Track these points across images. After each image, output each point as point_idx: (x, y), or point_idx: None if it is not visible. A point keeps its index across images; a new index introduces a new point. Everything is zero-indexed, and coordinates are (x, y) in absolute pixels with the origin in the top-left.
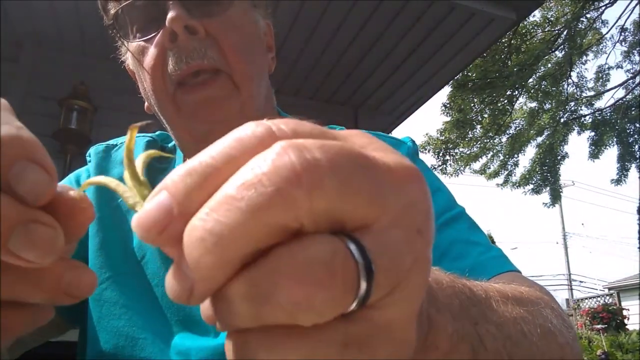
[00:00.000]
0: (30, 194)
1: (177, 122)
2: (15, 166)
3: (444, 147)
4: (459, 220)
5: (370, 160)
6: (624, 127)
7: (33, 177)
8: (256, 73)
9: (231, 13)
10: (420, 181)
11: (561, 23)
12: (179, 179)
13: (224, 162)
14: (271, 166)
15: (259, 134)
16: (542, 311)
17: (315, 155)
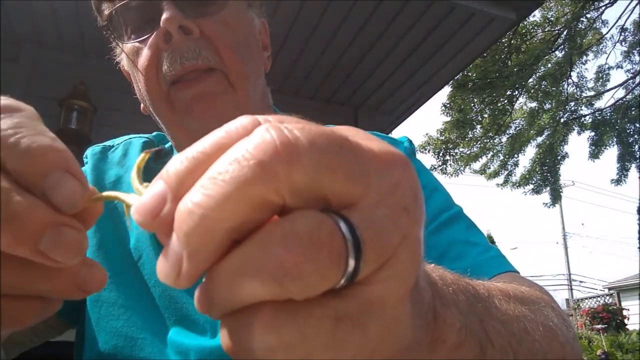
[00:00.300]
0: (65, 203)
1: (172, 121)
2: (51, 176)
3: (443, 147)
4: (457, 220)
5: (352, 142)
6: (624, 127)
7: (69, 187)
8: (252, 72)
9: (226, 12)
10: (405, 164)
11: (561, 23)
12: (172, 167)
13: (214, 150)
14: (253, 142)
15: (246, 124)
16: (543, 310)
17: (295, 133)
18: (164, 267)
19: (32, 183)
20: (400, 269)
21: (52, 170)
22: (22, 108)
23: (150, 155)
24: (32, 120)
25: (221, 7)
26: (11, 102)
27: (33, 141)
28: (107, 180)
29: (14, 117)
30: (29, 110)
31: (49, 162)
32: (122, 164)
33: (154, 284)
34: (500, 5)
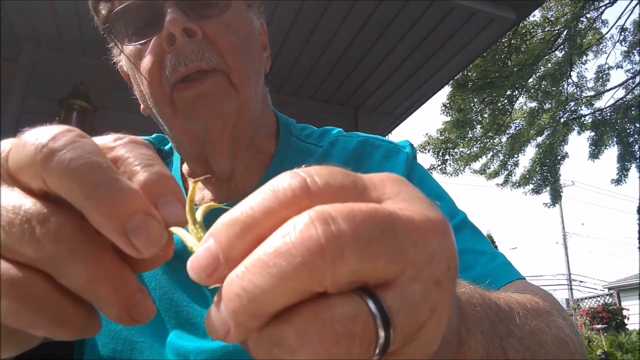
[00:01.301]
0: (148, 246)
1: (175, 124)
2: (134, 218)
3: (443, 147)
4: (462, 228)
5: (394, 220)
6: (624, 127)
7: (151, 230)
8: (253, 73)
9: (227, 14)
10: (444, 231)
11: (561, 23)
12: (224, 228)
13: (262, 214)
14: (299, 237)
15: (294, 187)
16: (557, 321)
17: (340, 226)
18: (214, 323)
19: (115, 229)
20: (427, 339)
21: (134, 215)
22: (89, 150)
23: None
24: (95, 152)
25: (223, 9)
26: (73, 143)
27: (115, 189)
28: None
29: (91, 160)
30: (94, 145)
31: (130, 207)
32: None
33: (154, 287)
34: (500, 5)
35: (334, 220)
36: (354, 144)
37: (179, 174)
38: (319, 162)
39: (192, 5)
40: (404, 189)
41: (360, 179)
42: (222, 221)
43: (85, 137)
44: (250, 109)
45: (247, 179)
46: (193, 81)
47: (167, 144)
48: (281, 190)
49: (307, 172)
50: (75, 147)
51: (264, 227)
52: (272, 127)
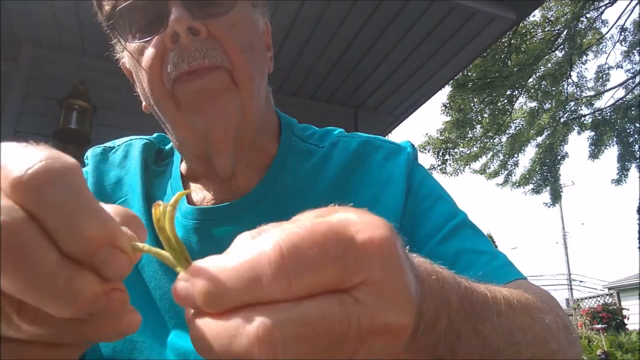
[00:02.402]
0: (115, 276)
1: (177, 119)
2: (100, 254)
3: (443, 147)
4: (463, 228)
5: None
6: (624, 127)
7: (117, 262)
8: (257, 72)
9: (233, 13)
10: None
11: (561, 23)
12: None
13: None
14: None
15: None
16: (547, 319)
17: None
18: None
19: (82, 260)
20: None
21: (101, 249)
22: (63, 172)
23: (151, 158)
24: (75, 188)
25: (228, 8)
26: (49, 168)
27: (82, 224)
28: (107, 181)
29: (57, 189)
30: (69, 170)
31: (99, 242)
32: (122, 166)
33: (155, 286)
34: (500, 5)
35: (278, 347)
36: (355, 144)
37: (178, 173)
38: (320, 163)
39: (197, 3)
40: (389, 274)
41: (350, 260)
42: (199, 292)
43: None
44: (253, 108)
45: (248, 179)
46: (194, 73)
47: (168, 144)
48: (259, 281)
49: (294, 263)
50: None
51: (232, 304)
52: (274, 127)
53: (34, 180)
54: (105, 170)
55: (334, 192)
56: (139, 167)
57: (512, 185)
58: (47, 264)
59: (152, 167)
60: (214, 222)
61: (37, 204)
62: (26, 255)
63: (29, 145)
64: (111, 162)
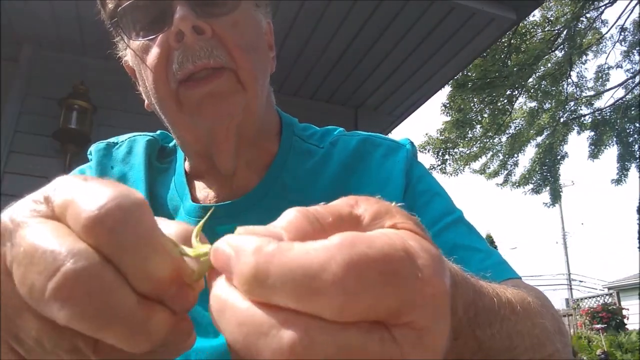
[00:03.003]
0: (182, 309)
1: (179, 120)
2: (170, 290)
3: (443, 147)
4: (458, 224)
5: None
6: (623, 127)
7: (185, 299)
8: (261, 72)
9: (237, 13)
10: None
11: (561, 23)
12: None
13: None
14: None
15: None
16: (546, 323)
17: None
18: None
19: (153, 297)
20: None
21: (171, 286)
22: (135, 211)
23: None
24: (147, 227)
25: (232, 8)
26: (122, 207)
27: (155, 266)
28: (111, 176)
29: (131, 230)
30: (140, 207)
31: (169, 282)
32: (126, 162)
33: None
34: (500, 5)
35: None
36: (354, 142)
37: (182, 171)
38: (320, 163)
39: (202, 3)
40: (435, 327)
41: (404, 298)
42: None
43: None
44: (256, 108)
45: (249, 177)
46: (201, 80)
47: (171, 141)
48: (314, 296)
49: (350, 287)
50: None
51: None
52: (275, 127)
53: (108, 222)
54: (108, 165)
55: (334, 191)
56: (142, 163)
57: (512, 185)
58: (127, 306)
59: (156, 164)
60: (218, 219)
61: (112, 245)
62: (107, 300)
63: (91, 179)
64: (115, 158)
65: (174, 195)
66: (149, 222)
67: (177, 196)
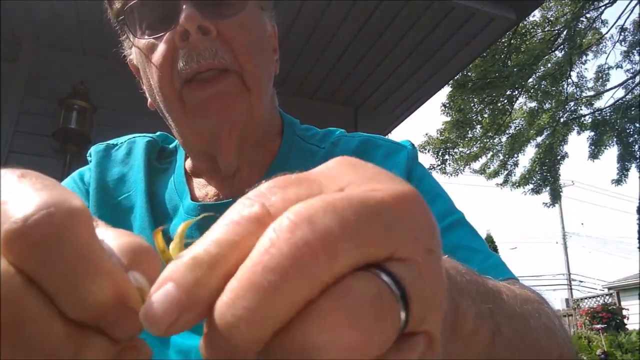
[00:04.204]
0: (124, 337)
1: (183, 120)
2: (109, 315)
3: (443, 147)
4: (459, 225)
5: (372, 204)
6: (624, 127)
7: (127, 324)
8: (265, 74)
9: (243, 15)
10: (419, 203)
11: (561, 23)
12: (185, 269)
13: (229, 248)
14: (285, 245)
15: (254, 213)
16: (547, 310)
17: (324, 222)
18: (214, 356)
19: (88, 324)
20: (437, 310)
21: (108, 311)
22: (69, 224)
23: (154, 155)
24: (83, 242)
25: (239, 10)
26: (53, 218)
27: (89, 289)
28: (110, 178)
29: (62, 246)
30: (77, 218)
31: (107, 307)
32: (126, 163)
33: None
34: (500, 5)
35: (315, 217)
36: (355, 143)
37: (182, 170)
38: (320, 164)
39: (208, 3)
40: (362, 170)
41: (315, 179)
42: (180, 262)
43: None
44: (260, 110)
45: (251, 176)
46: (206, 81)
47: (171, 143)
48: (242, 219)
49: (260, 195)
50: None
51: (232, 262)
52: (277, 127)
53: (33, 235)
54: (108, 166)
55: None
56: (142, 164)
57: (512, 185)
58: (51, 338)
59: (156, 164)
60: (217, 218)
61: (37, 263)
62: (26, 331)
63: (26, 178)
64: (114, 159)
65: (173, 195)
66: (85, 235)
67: (176, 195)
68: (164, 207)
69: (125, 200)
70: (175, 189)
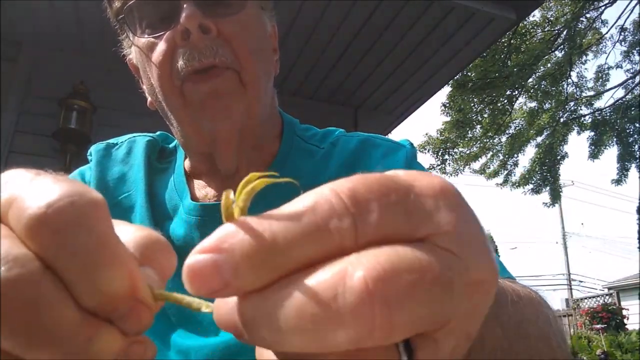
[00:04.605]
0: (134, 330)
1: (184, 117)
2: (120, 308)
3: (443, 147)
4: None
5: (452, 283)
6: (623, 127)
7: (137, 318)
8: (264, 74)
9: (243, 14)
10: (494, 285)
11: (561, 23)
12: (243, 258)
13: (299, 249)
14: (350, 312)
15: (341, 231)
16: (548, 312)
17: (398, 313)
18: None
19: (100, 314)
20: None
21: (121, 303)
22: (90, 212)
23: (154, 155)
24: (103, 231)
25: (239, 9)
26: (76, 206)
27: (104, 278)
28: (110, 177)
29: (83, 234)
30: (97, 208)
31: (119, 298)
32: (126, 162)
33: None
34: (500, 5)
35: (392, 296)
36: (354, 143)
37: (182, 170)
38: (320, 163)
39: (209, 2)
40: (462, 218)
41: (416, 204)
42: (241, 248)
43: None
44: (259, 110)
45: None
46: (204, 75)
47: (171, 142)
48: (326, 228)
49: (356, 203)
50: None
51: (293, 263)
52: (277, 128)
53: (55, 222)
54: (108, 165)
55: None
56: (142, 163)
57: (512, 185)
58: (67, 323)
59: (155, 164)
60: (217, 218)
61: (56, 249)
62: (43, 314)
63: (43, 175)
64: (114, 158)
65: (173, 195)
66: (105, 226)
67: (176, 195)
68: (164, 207)
69: (126, 200)
70: (175, 189)
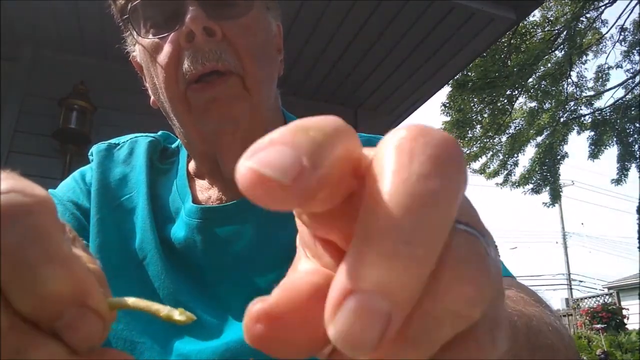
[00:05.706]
0: (82, 344)
1: (187, 121)
2: (66, 314)
3: None
4: None
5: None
6: (623, 127)
7: (86, 328)
8: (267, 77)
9: (248, 17)
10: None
11: (561, 23)
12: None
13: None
14: None
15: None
16: (554, 311)
17: None
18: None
19: (41, 322)
20: None
21: (65, 309)
22: (29, 209)
23: (156, 155)
24: (41, 228)
25: (244, 11)
26: (13, 203)
27: (40, 275)
28: (112, 178)
29: (17, 229)
30: (39, 206)
31: (62, 300)
32: (127, 163)
33: (158, 286)
34: (500, 5)
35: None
36: None
37: (184, 172)
38: None
39: (214, 5)
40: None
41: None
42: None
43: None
44: (262, 113)
45: None
46: (208, 84)
47: (173, 142)
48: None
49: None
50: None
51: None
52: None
53: None
54: (109, 166)
55: None
56: (144, 164)
57: (512, 185)
58: None
59: (158, 164)
60: (218, 221)
61: None
62: None
63: None
64: (116, 159)
65: (176, 197)
66: (45, 223)
67: (178, 198)
68: (167, 210)
69: (127, 201)
70: (177, 192)
